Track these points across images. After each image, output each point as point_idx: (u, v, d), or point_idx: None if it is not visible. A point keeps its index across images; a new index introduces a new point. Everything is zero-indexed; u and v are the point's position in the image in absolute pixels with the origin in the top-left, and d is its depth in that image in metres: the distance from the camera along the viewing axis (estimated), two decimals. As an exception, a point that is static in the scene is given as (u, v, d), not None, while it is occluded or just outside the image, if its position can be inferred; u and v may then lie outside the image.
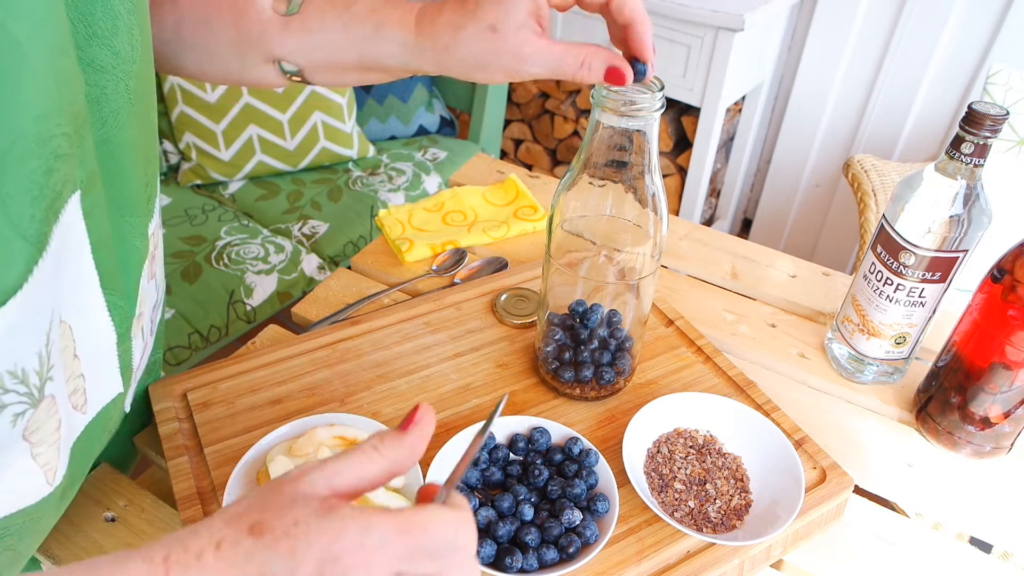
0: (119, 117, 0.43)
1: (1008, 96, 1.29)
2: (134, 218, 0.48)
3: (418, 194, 1.66)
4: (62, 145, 0.35)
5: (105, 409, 0.50)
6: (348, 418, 0.58)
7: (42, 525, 0.46)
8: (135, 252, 0.50)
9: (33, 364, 0.37)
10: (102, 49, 0.41)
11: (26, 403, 0.38)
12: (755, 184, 2.20)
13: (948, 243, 0.61)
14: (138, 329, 0.52)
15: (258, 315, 1.39)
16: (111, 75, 0.42)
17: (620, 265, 0.60)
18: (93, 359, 0.46)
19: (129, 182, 0.47)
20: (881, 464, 0.65)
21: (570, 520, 0.52)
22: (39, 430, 0.40)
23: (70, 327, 0.42)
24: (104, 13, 0.40)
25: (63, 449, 0.44)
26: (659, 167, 0.55)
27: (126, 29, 0.42)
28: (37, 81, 0.33)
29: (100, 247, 0.43)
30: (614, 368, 0.63)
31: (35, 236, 0.35)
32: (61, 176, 0.36)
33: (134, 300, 0.50)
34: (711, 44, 1.68)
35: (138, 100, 0.45)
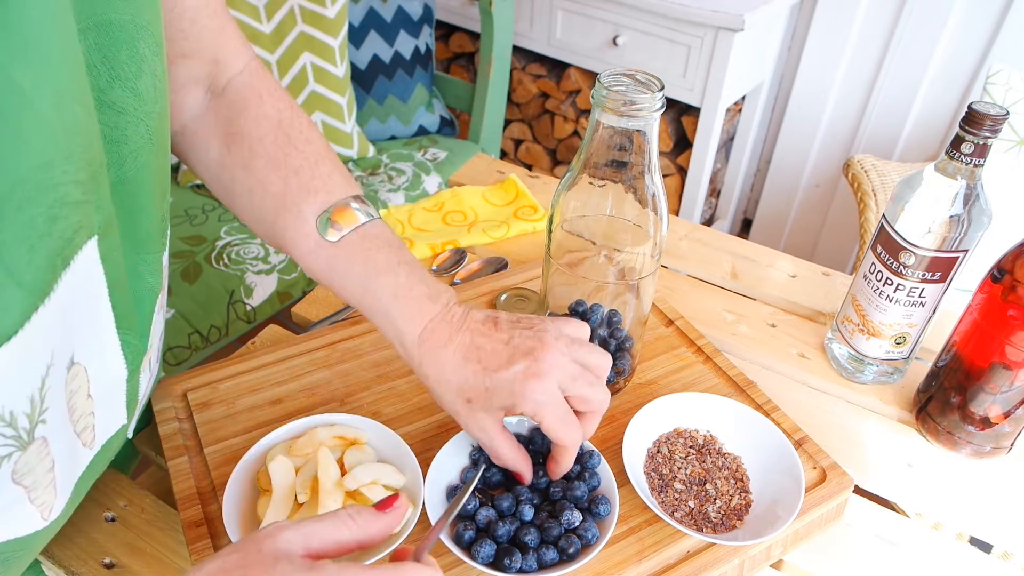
0: (139, 158, 0.43)
1: (1008, 96, 1.29)
2: (149, 255, 0.48)
3: (418, 194, 1.66)
4: (71, 192, 0.35)
5: (109, 441, 0.50)
6: (348, 418, 0.58)
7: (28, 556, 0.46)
8: (149, 290, 0.50)
9: (24, 407, 0.37)
10: (124, 92, 0.40)
11: (13, 446, 0.37)
12: (755, 184, 2.20)
13: (948, 243, 0.61)
14: (146, 362, 0.52)
15: (258, 315, 1.39)
16: (132, 117, 0.42)
17: (620, 265, 0.60)
18: (104, 397, 0.46)
19: (147, 220, 0.46)
20: (881, 464, 0.65)
21: (570, 521, 0.52)
22: (30, 473, 0.40)
23: (84, 368, 0.42)
24: (129, 56, 0.40)
25: (63, 486, 0.44)
26: (659, 167, 0.55)
27: (150, 72, 0.42)
28: (41, 128, 0.32)
29: (116, 288, 0.43)
30: (614, 368, 0.63)
31: (33, 284, 0.34)
32: (71, 223, 0.36)
33: (147, 337, 0.51)
34: (711, 44, 1.68)
35: (158, 139, 0.45)
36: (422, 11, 1.72)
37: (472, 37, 2.15)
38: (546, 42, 1.95)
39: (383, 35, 1.69)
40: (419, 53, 1.74)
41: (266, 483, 0.53)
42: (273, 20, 1.49)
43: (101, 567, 0.54)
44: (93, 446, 0.47)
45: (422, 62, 1.76)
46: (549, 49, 1.96)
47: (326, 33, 1.52)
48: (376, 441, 0.57)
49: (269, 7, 1.48)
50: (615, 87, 0.52)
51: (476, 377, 0.49)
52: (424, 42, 1.74)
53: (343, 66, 1.57)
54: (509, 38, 1.73)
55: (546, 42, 1.95)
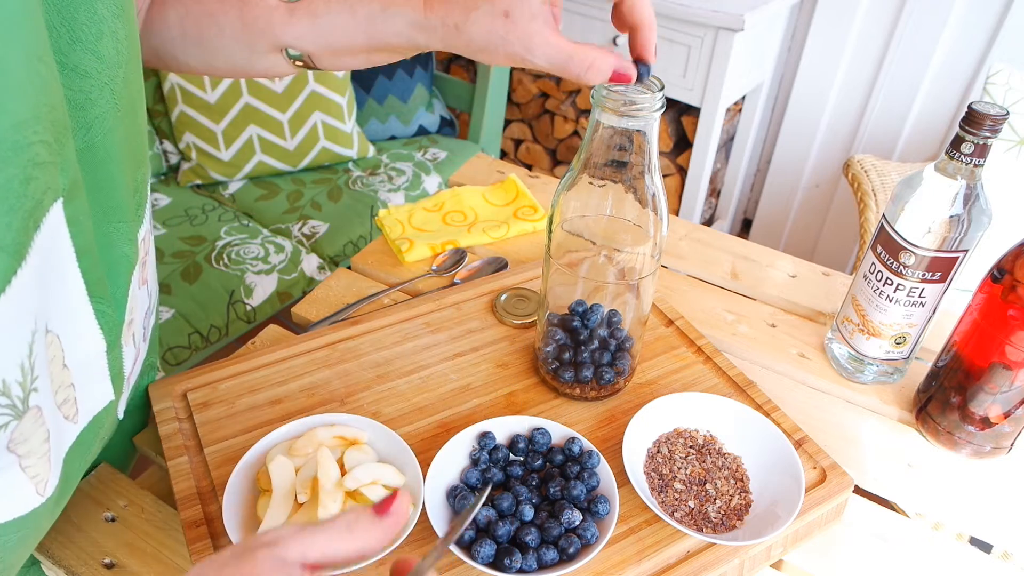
0: (104, 123, 0.43)
1: (1008, 96, 1.29)
2: (122, 224, 0.48)
3: (418, 194, 1.66)
4: (40, 153, 0.35)
5: (97, 417, 0.49)
6: (348, 418, 0.58)
7: (31, 539, 0.46)
8: (124, 259, 0.49)
9: (15, 375, 0.37)
10: (86, 54, 0.40)
11: (9, 415, 0.37)
12: (755, 184, 2.20)
13: (948, 243, 0.61)
14: (128, 336, 0.52)
15: (258, 315, 1.39)
16: (96, 80, 0.41)
17: (620, 265, 0.60)
18: (82, 368, 0.46)
19: (116, 188, 0.46)
20: (881, 464, 0.65)
21: (570, 521, 0.52)
22: (26, 442, 0.40)
23: (58, 336, 0.42)
24: (88, 18, 0.40)
25: (54, 460, 0.44)
26: (659, 167, 0.55)
27: (111, 33, 0.41)
28: (14, 87, 0.32)
29: (85, 255, 0.43)
30: (614, 368, 0.63)
31: (12, 246, 0.34)
32: (41, 184, 0.36)
33: (123, 307, 0.50)
34: (711, 44, 1.68)
35: (124, 105, 0.44)
36: (422, 11, 1.71)
37: (472, 37, 2.15)
38: (546, 42, 1.95)
39: (383, 35, 1.68)
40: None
41: (266, 483, 0.53)
42: (273, 20, 1.49)
43: (101, 567, 0.54)
44: (77, 420, 0.47)
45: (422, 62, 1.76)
46: (549, 49, 1.95)
47: (326, 33, 1.52)
48: (376, 441, 0.57)
49: (269, 7, 1.48)
50: (615, 87, 0.52)
51: None
52: (424, 42, 1.74)
53: (343, 66, 1.57)
54: (509, 38, 1.72)
55: (546, 42, 1.95)
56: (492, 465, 0.56)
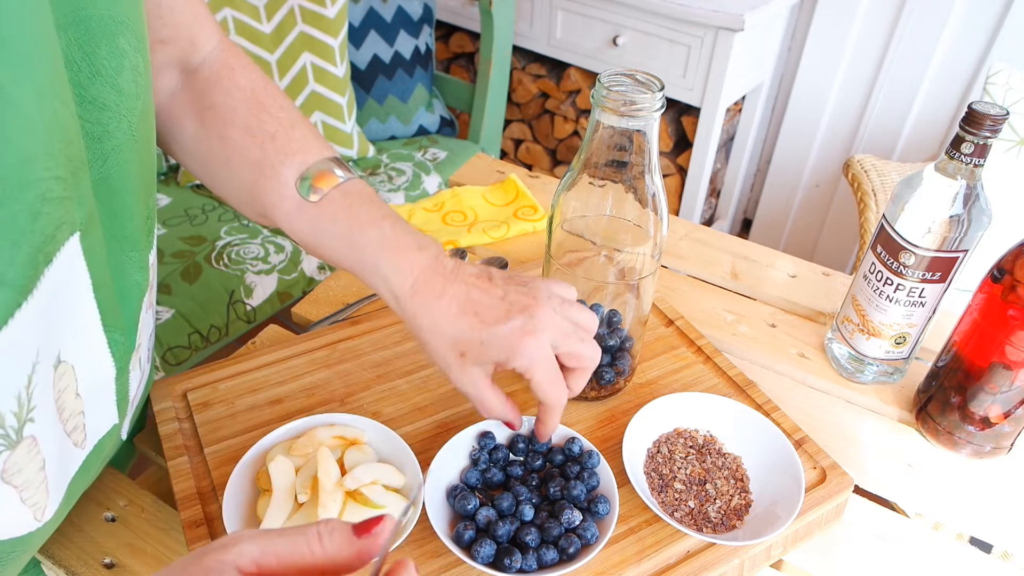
0: (121, 154, 0.43)
1: (1008, 96, 1.29)
2: (135, 252, 0.48)
3: (418, 194, 1.66)
4: (53, 188, 0.35)
5: (101, 441, 0.49)
6: (348, 418, 0.58)
7: (24, 557, 0.46)
8: (135, 287, 0.49)
9: (10, 406, 0.37)
10: (105, 87, 0.40)
11: (1, 445, 0.37)
12: (755, 184, 2.20)
13: (948, 243, 0.61)
14: (136, 361, 0.52)
15: (258, 315, 1.39)
16: (114, 113, 0.41)
17: (620, 265, 0.60)
18: (92, 395, 0.46)
19: (130, 218, 0.46)
20: (881, 464, 0.65)
21: (570, 521, 0.52)
22: (20, 472, 0.40)
23: (72, 367, 0.42)
24: (109, 52, 0.40)
25: (55, 487, 0.44)
26: (659, 167, 0.55)
27: (131, 67, 0.42)
28: (22, 125, 0.32)
29: (101, 286, 0.43)
30: (614, 368, 0.63)
31: (15, 281, 0.34)
32: (53, 219, 0.36)
33: (134, 334, 0.50)
34: (711, 44, 1.68)
35: (140, 136, 0.45)
36: (422, 11, 1.72)
37: (472, 37, 2.15)
38: (546, 42, 1.95)
39: (383, 35, 1.69)
40: (419, 53, 1.74)
41: (266, 483, 0.53)
42: (273, 20, 1.49)
43: (101, 567, 0.54)
44: (85, 446, 0.47)
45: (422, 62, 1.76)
46: (549, 49, 1.96)
47: (326, 33, 1.52)
48: (376, 441, 0.57)
49: (269, 7, 1.48)
50: (615, 87, 0.52)
51: (472, 331, 0.49)
52: (424, 42, 1.74)
53: (343, 66, 1.57)
54: (509, 38, 1.73)
55: (546, 42, 1.95)
56: (492, 465, 0.56)
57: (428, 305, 0.50)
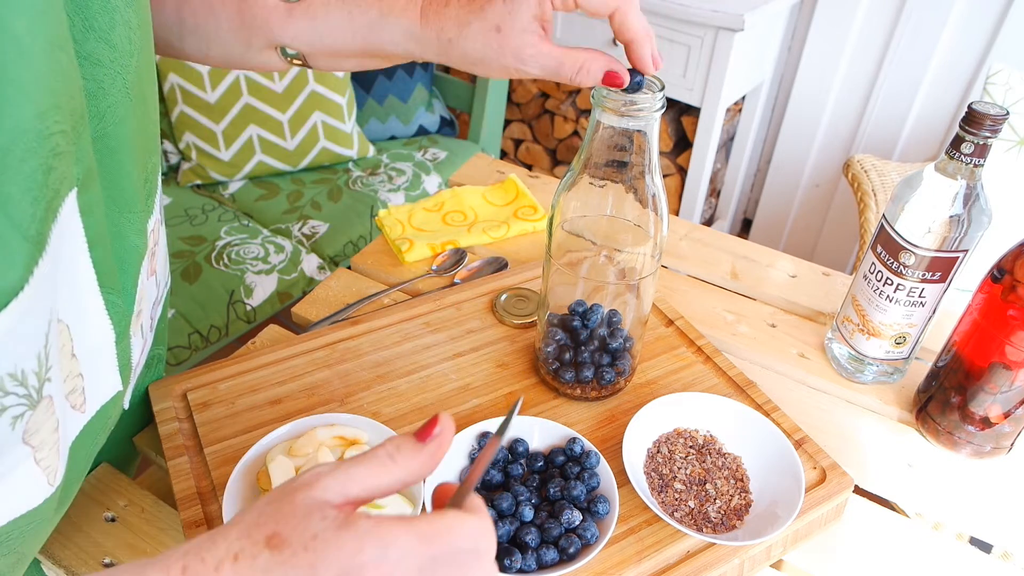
0: (117, 112, 0.43)
1: (1008, 96, 1.29)
2: (132, 215, 0.48)
3: (418, 194, 1.66)
4: (60, 143, 0.35)
5: (104, 408, 0.49)
6: (348, 418, 0.58)
7: (44, 527, 0.46)
8: (134, 250, 0.49)
9: (32, 365, 0.37)
10: (99, 43, 0.40)
11: (24, 404, 0.37)
12: (755, 184, 2.20)
13: (948, 243, 0.61)
14: (137, 327, 0.52)
15: (258, 315, 1.39)
16: (108, 69, 0.41)
17: (620, 265, 0.60)
18: (91, 358, 0.46)
19: (127, 178, 0.46)
20: (881, 464, 0.65)
21: (570, 521, 0.52)
22: (38, 432, 0.40)
23: (67, 326, 0.42)
24: (101, 7, 0.40)
25: (62, 449, 0.44)
26: (659, 167, 0.55)
27: (123, 23, 0.42)
28: (38, 77, 0.32)
29: (97, 245, 0.43)
30: (614, 368, 0.63)
31: (35, 236, 0.34)
32: (59, 174, 0.36)
33: (132, 298, 0.50)
34: (711, 44, 1.68)
35: (137, 95, 0.44)
36: (422, 11, 1.71)
37: (472, 37, 2.15)
38: (546, 42, 1.95)
39: (383, 35, 1.68)
40: (419, 53, 1.74)
41: (266, 483, 0.53)
42: (273, 20, 1.49)
43: (101, 567, 0.54)
44: (85, 410, 0.47)
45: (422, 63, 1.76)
46: (549, 49, 1.95)
47: (326, 33, 1.52)
48: (376, 441, 0.57)
49: (269, 7, 1.48)
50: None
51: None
52: (424, 42, 1.74)
53: (343, 66, 1.57)
54: (509, 38, 1.72)
55: (546, 42, 1.95)
56: (491, 467, 0.56)
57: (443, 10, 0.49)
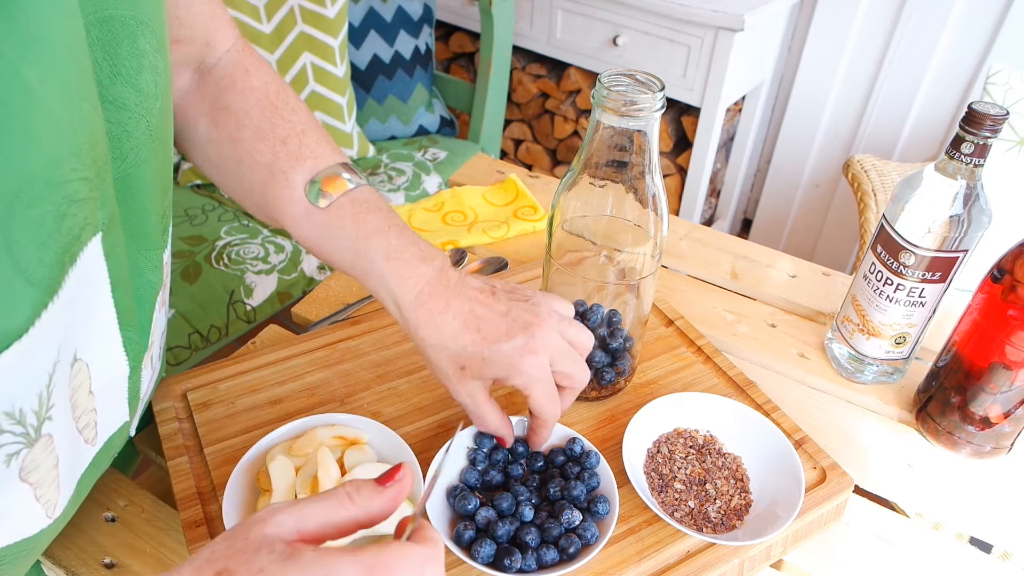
0: (139, 154, 0.43)
1: (1008, 96, 1.29)
2: (150, 252, 0.48)
3: (418, 194, 1.66)
4: (79, 189, 0.35)
5: (111, 438, 0.50)
6: (348, 418, 0.58)
7: (35, 552, 0.46)
8: (150, 286, 0.49)
9: (32, 404, 0.37)
10: (126, 88, 0.40)
11: (21, 443, 0.37)
12: (755, 184, 2.20)
13: (948, 243, 0.61)
14: (148, 359, 0.52)
15: (258, 315, 1.39)
16: (133, 113, 0.42)
17: (620, 265, 0.60)
18: (104, 394, 0.46)
19: (147, 216, 0.46)
20: (881, 464, 0.65)
21: (570, 521, 0.52)
22: (36, 469, 0.40)
23: (87, 364, 0.42)
24: (130, 52, 0.40)
25: (66, 483, 0.44)
26: (659, 167, 0.55)
27: (151, 68, 0.42)
28: (51, 126, 0.32)
29: (118, 285, 0.43)
30: (614, 368, 0.63)
31: (43, 281, 0.34)
32: (79, 220, 0.36)
33: (148, 333, 0.50)
34: (711, 44, 1.68)
35: (157, 136, 0.45)
36: (422, 11, 1.72)
37: (472, 37, 2.15)
38: (546, 42, 1.95)
39: (383, 35, 1.69)
40: (419, 53, 1.74)
41: (266, 483, 0.53)
42: (273, 20, 1.49)
43: (101, 567, 0.54)
44: (95, 443, 0.47)
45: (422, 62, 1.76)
46: (549, 49, 1.96)
47: (326, 33, 1.52)
48: (376, 441, 0.57)
49: (269, 7, 1.48)
50: (615, 87, 0.52)
51: (475, 346, 0.50)
52: (424, 42, 1.74)
53: (343, 66, 1.57)
54: (509, 38, 1.73)
55: (546, 42, 1.95)
56: (491, 467, 0.56)
57: (431, 319, 0.50)
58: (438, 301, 0.51)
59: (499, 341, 0.49)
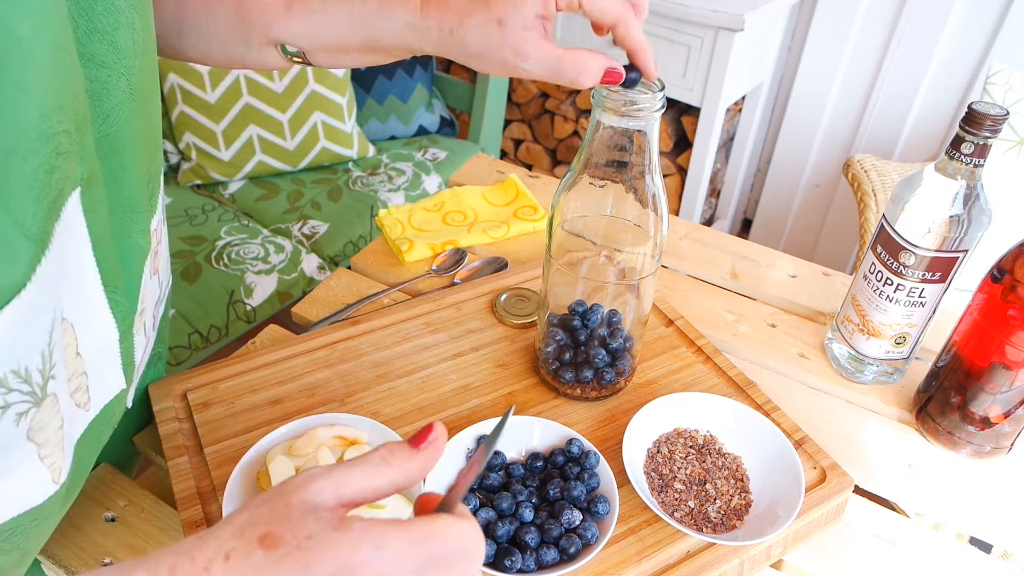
0: (121, 113, 0.43)
1: (1008, 96, 1.29)
2: (136, 214, 0.48)
3: (418, 194, 1.66)
4: (63, 143, 0.35)
5: (108, 406, 0.50)
6: (348, 418, 0.58)
7: (48, 524, 0.47)
8: (137, 249, 0.49)
9: (36, 363, 0.37)
10: (103, 44, 0.40)
11: (29, 402, 0.38)
12: (755, 184, 2.20)
13: (948, 243, 0.61)
14: (140, 325, 0.52)
15: (258, 315, 1.39)
16: (112, 70, 0.42)
17: (620, 265, 0.60)
18: (95, 357, 0.46)
19: (131, 178, 0.46)
20: (881, 464, 0.65)
21: (570, 521, 0.52)
22: (43, 429, 0.40)
23: (72, 325, 0.42)
24: (105, 8, 0.40)
25: (67, 447, 0.44)
26: (659, 167, 0.55)
27: (127, 24, 0.42)
28: (41, 78, 0.33)
29: (101, 244, 0.43)
30: (614, 368, 0.63)
31: (38, 234, 0.35)
32: (62, 174, 0.36)
33: (136, 297, 0.50)
34: (711, 44, 1.68)
35: (140, 95, 0.45)
36: (422, 11, 1.71)
37: (472, 37, 2.15)
38: (546, 42, 1.95)
39: (383, 35, 1.68)
40: (419, 53, 1.74)
41: (266, 483, 0.53)
42: (273, 20, 1.49)
43: (101, 567, 0.54)
44: (89, 408, 0.47)
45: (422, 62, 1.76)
46: (549, 49, 1.95)
47: (326, 33, 1.52)
48: (376, 441, 0.57)
49: (269, 7, 1.48)
50: (615, 87, 0.52)
51: None
52: (424, 42, 1.74)
53: (343, 66, 1.57)
54: (509, 38, 1.72)
55: (546, 42, 1.95)
56: (490, 471, 0.56)
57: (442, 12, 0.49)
58: None
59: None
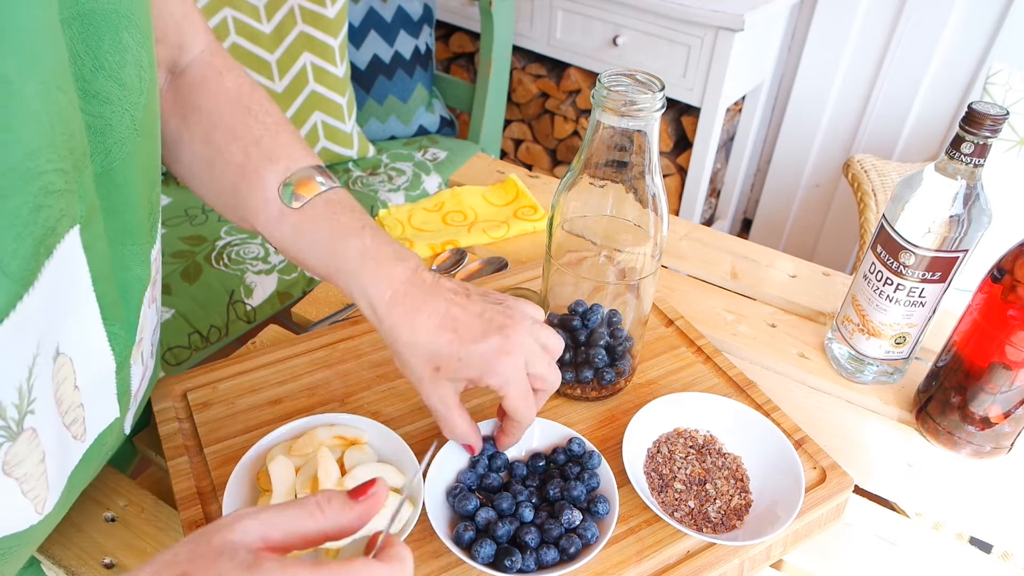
0: (124, 148, 0.43)
1: (1008, 96, 1.29)
2: (136, 246, 0.48)
3: (418, 194, 1.66)
4: (54, 181, 0.35)
5: (102, 435, 0.49)
6: (348, 418, 0.58)
7: (26, 549, 0.46)
8: (137, 280, 0.49)
9: (11, 397, 0.37)
10: (108, 81, 0.40)
11: (2, 436, 0.37)
12: (755, 184, 2.20)
13: (948, 243, 0.61)
14: (137, 355, 0.52)
15: (258, 315, 1.39)
16: (117, 107, 0.42)
17: (620, 265, 0.60)
18: (91, 388, 0.46)
19: (132, 211, 0.46)
20: (881, 464, 0.65)
21: (570, 521, 0.52)
22: (20, 464, 0.40)
23: (70, 359, 0.42)
24: (112, 46, 0.40)
25: (55, 479, 0.44)
26: (659, 167, 0.55)
27: (135, 62, 0.42)
28: (28, 118, 0.32)
29: (101, 279, 0.43)
30: (615, 368, 0.63)
31: (18, 272, 0.34)
32: (54, 212, 0.36)
33: (135, 328, 0.50)
34: (711, 44, 1.68)
35: (143, 130, 0.45)
36: (422, 11, 1.72)
37: (472, 37, 2.15)
38: (546, 42, 1.95)
39: (383, 35, 1.69)
40: (419, 53, 1.74)
41: (266, 483, 0.53)
42: (273, 20, 1.49)
43: (101, 567, 0.54)
44: (85, 439, 0.47)
45: (422, 62, 1.76)
46: (549, 49, 1.96)
47: (326, 33, 1.52)
48: (376, 441, 0.57)
49: (269, 7, 1.48)
50: (615, 87, 0.52)
51: (450, 346, 0.49)
52: (424, 42, 1.74)
53: (343, 66, 1.57)
54: (509, 38, 1.73)
55: (546, 42, 1.95)
56: (491, 471, 0.56)
57: (407, 318, 0.50)
58: (414, 301, 0.50)
59: (475, 342, 0.49)
